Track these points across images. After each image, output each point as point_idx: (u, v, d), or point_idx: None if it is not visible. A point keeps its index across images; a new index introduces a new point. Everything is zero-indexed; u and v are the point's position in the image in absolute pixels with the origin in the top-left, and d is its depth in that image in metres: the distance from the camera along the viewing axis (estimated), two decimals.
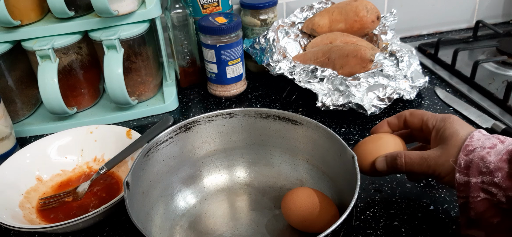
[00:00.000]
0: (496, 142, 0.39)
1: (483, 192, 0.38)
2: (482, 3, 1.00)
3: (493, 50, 0.86)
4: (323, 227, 0.42)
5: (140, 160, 0.48)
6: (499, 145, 0.39)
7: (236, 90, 0.79)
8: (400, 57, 0.72)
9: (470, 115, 0.67)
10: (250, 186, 0.56)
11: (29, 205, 0.55)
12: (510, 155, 0.37)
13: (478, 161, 0.38)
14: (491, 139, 0.40)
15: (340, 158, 0.48)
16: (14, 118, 0.73)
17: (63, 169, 0.61)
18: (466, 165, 0.39)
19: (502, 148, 0.38)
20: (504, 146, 0.38)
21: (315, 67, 0.70)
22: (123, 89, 0.68)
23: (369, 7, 0.79)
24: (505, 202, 0.37)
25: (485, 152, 0.38)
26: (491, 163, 0.38)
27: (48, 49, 0.65)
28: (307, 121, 0.52)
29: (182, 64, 0.82)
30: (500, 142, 0.39)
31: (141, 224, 0.44)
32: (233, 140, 0.56)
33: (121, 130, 0.63)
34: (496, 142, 0.39)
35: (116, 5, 0.66)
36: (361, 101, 0.65)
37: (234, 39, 0.73)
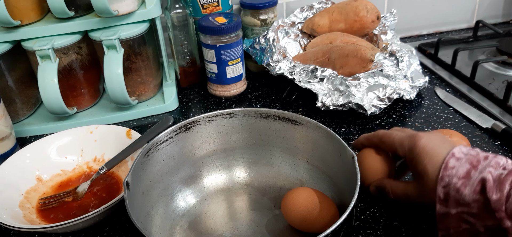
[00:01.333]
0: (469, 169, 0.38)
1: (464, 222, 0.38)
2: (482, 3, 1.00)
3: (493, 50, 0.86)
4: (323, 227, 0.42)
5: (140, 160, 0.48)
6: (473, 173, 0.38)
7: (236, 90, 0.79)
8: (400, 57, 0.72)
9: (470, 115, 0.67)
10: (250, 186, 0.56)
11: (29, 205, 0.55)
12: (483, 185, 0.37)
13: (455, 194, 0.38)
14: (464, 165, 0.39)
15: (340, 158, 0.48)
16: (14, 118, 0.73)
17: (63, 169, 0.61)
18: (444, 197, 0.39)
19: (475, 178, 0.37)
20: (477, 175, 0.38)
21: (315, 67, 0.70)
22: (123, 89, 0.68)
23: (369, 7, 0.79)
24: (483, 232, 0.37)
25: (460, 184, 0.38)
26: (466, 196, 0.37)
27: (48, 49, 0.65)
28: (307, 121, 0.52)
29: (182, 64, 0.82)
30: (473, 167, 0.38)
31: (141, 224, 0.44)
32: (233, 140, 0.56)
33: (121, 130, 0.63)
34: (469, 169, 0.38)
35: (116, 5, 0.66)
36: (361, 101, 0.65)
37: (234, 39, 0.73)
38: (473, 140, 0.62)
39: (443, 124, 0.66)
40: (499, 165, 0.38)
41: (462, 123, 0.66)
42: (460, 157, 0.40)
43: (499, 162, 0.38)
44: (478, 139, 0.62)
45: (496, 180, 0.36)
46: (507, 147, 0.60)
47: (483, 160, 0.39)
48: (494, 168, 0.37)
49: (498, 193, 0.35)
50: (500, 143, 0.61)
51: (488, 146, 0.60)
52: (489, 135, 0.63)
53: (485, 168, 0.38)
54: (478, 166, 0.38)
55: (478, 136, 0.63)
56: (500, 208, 0.35)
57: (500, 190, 0.35)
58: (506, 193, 0.35)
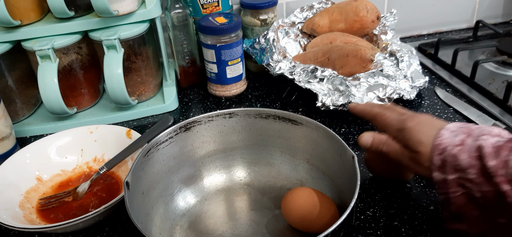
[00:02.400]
0: (464, 138, 0.40)
1: (461, 187, 0.40)
2: (482, 3, 1.00)
3: (493, 50, 0.86)
4: (323, 227, 0.42)
5: (140, 160, 0.48)
6: (468, 140, 0.40)
7: (236, 90, 0.79)
8: (400, 57, 0.72)
9: (470, 115, 0.67)
10: (250, 186, 0.56)
11: (29, 205, 0.55)
12: (480, 152, 0.38)
13: (451, 159, 0.40)
14: (459, 134, 0.41)
15: (340, 158, 0.48)
16: (14, 118, 0.73)
17: (63, 169, 0.61)
18: (441, 164, 0.41)
19: (471, 145, 0.39)
20: (472, 141, 0.39)
21: (315, 67, 0.70)
22: (123, 89, 0.68)
23: (369, 7, 0.79)
24: (480, 197, 0.38)
25: (456, 151, 0.40)
26: (463, 162, 0.39)
27: (48, 49, 0.65)
28: (307, 121, 0.52)
29: (182, 64, 0.82)
30: (467, 135, 0.40)
31: (141, 224, 0.44)
32: (233, 140, 0.56)
33: (121, 130, 0.63)
34: (464, 138, 0.40)
35: (116, 5, 0.66)
36: (361, 101, 0.65)
37: (234, 39, 0.73)
38: None
39: None
40: (493, 133, 0.39)
41: None
42: (454, 129, 0.42)
43: (492, 131, 0.40)
44: None
45: (493, 147, 0.38)
46: None
47: (476, 129, 0.41)
48: (488, 135, 0.39)
49: (495, 159, 0.37)
50: None
51: None
52: None
53: (479, 136, 0.39)
54: (472, 134, 0.40)
55: None
56: (497, 173, 0.36)
57: (497, 156, 0.37)
58: (504, 159, 0.36)
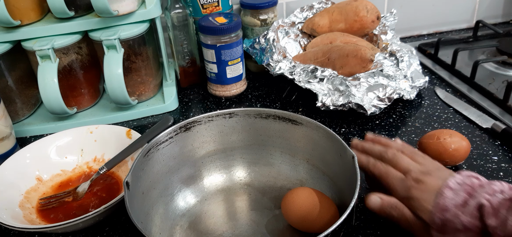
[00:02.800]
0: (466, 198, 0.39)
1: None
2: (482, 3, 1.00)
3: (493, 50, 0.86)
4: (323, 227, 0.42)
5: (140, 160, 0.48)
6: (470, 201, 0.39)
7: (236, 90, 0.79)
8: (400, 57, 0.72)
9: (470, 115, 0.67)
10: (250, 186, 0.56)
11: (29, 205, 0.55)
12: (480, 211, 0.38)
13: (452, 219, 0.39)
14: (460, 194, 0.40)
15: (340, 158, 0.48)
16: (14, 118, 0.73)
17: (63, 169, 0.62)
18: (442, 223, 0.40)
19: (472, 205, 0.39)
20: (473, 202, 0.39)
21: (315, 67, 0.70)
22: (123, 89, 0.68)
23: (369, 7, 0.79)
24: None
25: (458, 211, 0.39)
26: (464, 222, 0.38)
27: (48, 49, 0.65)
28: (307, 121, 0.52)
29: (182, 64, 0.82)
30: (470, 196, 0.40)
31: (141, 224, 0.44)
32: (233, 140, 0.56)
33: (121, 130, 0.63)
34: (466, 198, 0.39)
35: (116, 5, 0.66)
36: (361, 101, 0.65)
37: (234, 39, 0.73)
38: (473, 140, 0.62)
39: (443, 124, 0.66)
40: (495, 191, 0.39)
41: (462, 123, 0.66)
42: (455, 187, 0.41)
43: (495, 189, 0.39)
44: (478, 139, 0.62)
45: (493, 206, 0.38)
46: (507, 147, 0.60)
47: (478, 188, 0.40)
48: (490, 194, 0.39)
49: (494, 218, 0.37)
50: (500, 143, 0.61)
51: (488, 146, 0.61)
52: (489, 135, 0.63)
53: (481, 195, 0.39)
54: (474, 194, 0.39)
55: (478, 136, 0.63)
56: (495, 232, 0.37)
57: (496, 215, 0.37)
58: (503, 218, 0.37)
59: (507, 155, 0.59)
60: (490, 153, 0.59)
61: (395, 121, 0.68)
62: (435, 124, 0.66)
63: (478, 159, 0.58)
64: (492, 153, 0.59)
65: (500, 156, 0.59)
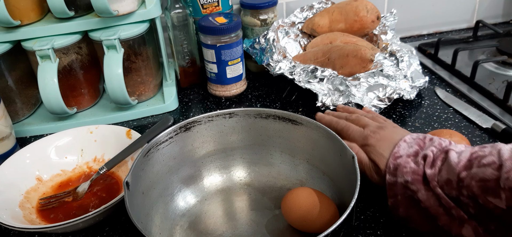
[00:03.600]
0: (417, 150, 0.46)
1: (407, 189, 0.44)
2: (482, 3, 1.00)
3: (493, 50, 0.86)
4: (323, 227, 0.42)
5: (140, 160, 0.48)
6: (420, 152, 0.45)
7: (236, 90, 0.79)
8: (400, 57, 0.72)
9: (470, 115, 0.67)
10: (250, 186, 0.56)
11: (29, 205, 0.55)
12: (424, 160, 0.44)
13: (403, 164, 0.45)
14: (413, 146, 0.46)
15: (340, 158, 0.48)
16: (14, 118, 0.73)
17: (63, 169, 0.61)
18: (394, 168, 0.46)
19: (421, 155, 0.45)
20: (422, 153, 0.45)
21: (315, 67, 0.70)
22: (123, 89, 0.68)
23: (369, 7, 0.79)
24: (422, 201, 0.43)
25: (409, 159, 0.45)
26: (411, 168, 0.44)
27: (48, 49, 0.65)
28: (307, 121, 0.52)
29: (182, 64, 0.82)
30: (420, 148, 0.46)
31: (141, 224, 0.44)
32: (233, 140, 0.56)
33: (121, 130, 0.63)
34: (417, 150, 0.46)
35: (116, 5, 0.66)
36: (361, 101, 0.65)
37: (234, 39, 0.73)
38: (473, 140, 0.62)
39: (443, 124, 0.66)
40: (441, 145, 0.45)
41: (462, 123, 0.66)
42: (409, 141, 0.47)
43: (442, 143, 0.45)
44: (478, 139, 0.62)
45: (434, 157, 0.44)
46: None
47: (428, 141, 0.46)
48: (437, 147, 0.45)
49: (432, 168, 0.43)
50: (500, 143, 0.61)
51: None
52: (489, 135, 0.63)
53: (429, 147, 0.45)
54: (424, 147, 0.46)
55: (478, 136, 0.63)
56: (433, 179, 0.42)
57: (434, 165, 0.43)
58: (438, 168, 0.43)
59: None
60: None
61: (395, 121, 0.68)
62: (435, 124, 0.66)
63: None
64: None
65: None
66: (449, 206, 0.41)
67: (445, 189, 0.42)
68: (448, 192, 0.41)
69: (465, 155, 0.42)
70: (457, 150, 0.43)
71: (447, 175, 0.42)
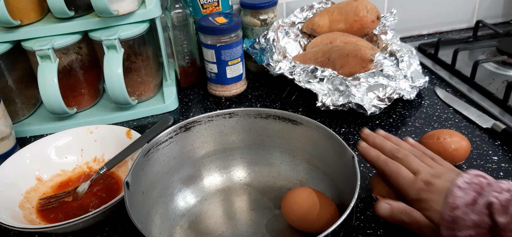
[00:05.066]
0: (475, 196, 0.40)
1: None
2: (482, 3, 1.00)
3: (493, 50, 0.86)
4: (323, 227, 0.42)
5: (140, 160, 0.48)
6: (479, 199, 0.40)
7: (236, 90, 0.79)
8: (400, 57, 0.72)
9: (470, 115, 0.67)
10: (250, 186, 0.56)
11: (29, 205, 0.55)
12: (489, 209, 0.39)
13: (463, 216, 0.40)
14: (469, 192, 0.41)
15: (340, 158, 0.48)
16: (14, 118, 0.73)
17: (63, 169, 0.61)
18: (452, 221, 0.40)
19: (482, 203, 0.40)
20: (483, 200, 0.40)
21: (315, 67, 0.70)
22: (123, 89, 0.68)
23: (369, 7, 0.79)
24: None
25: (467, 209, 0.40)
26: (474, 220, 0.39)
27: (48, 49, 0.65)
28: (307, 121, 0.52)
29: (182, 64, 0.82)
30: (479, 194, 0.40)
31: (141, 224, 0.44)
32: (233, 140, 0.56)
33: (121, 130, 0.63)
34: (475, 196, 0.40)
35: (116, 5, 0.66)
36: (361, 101, 0.65)
37: (234, 39, 0.73)
38: (473, 140, 0.62)
39: (443, 124, 0.66)
40: (503, 189, 0.40)
41: (462, 123, 0.66)
42: (464, 186, 0.41)
43: (503, 187, 0.40)
44: (478, 139, 0.62)
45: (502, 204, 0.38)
46: (507, 147, 0.60)
47: (486, 186, 0.41)
48: (498, 192, 0.39)
49: (504, 215, 0.38)
50: (500, 143, 0.61)
51: (488, 146, 0.60)
52: (489, 135, 0.63)
53: (489, 193, 0.40)
54: (482, 192, 0.40)
55: (478, 136, 0.63)
56: (507, 228, 0.37)
57: (506, 212, 0.38)
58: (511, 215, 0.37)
59: (507, 155, 0.59)
60: (490, 153, 0.59)
61: (395, 121, 0.68)
62: (435, 124, 0.66)
63: (478, 159, 0.58)
64: (492, 153, 0.59)
65: (500, 156, 0.59)
66: None
67: None
68: None
69: None
70: None
71: None
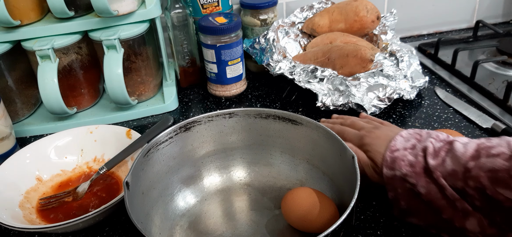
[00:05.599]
0: (414, 143, 0.45)
1: (407, 183, 0.44)
2: (482, 3, 1.00)
3: (493, 50, 0.86)
4: (323, 227, 0.42)
5: (140, 160, 0.48)
6: (418, 145, 0.45)
7: (236, 90, 0.79)
8: (400, 57, 0.72)
9: (470, 115, 0.67)
10: (250, 186, 0.56)
11: (29, 205, 0.55)
12: (424, 152, 0.44)
13: (401, 157, 0.45)
14: (410, 140, 0.46)
15: (340, 158, 0.48)
16: (14, 118, 0.73)
17: (63, 169, 0.61)
18: (391, 161, 0.45)
19: (420, 147, 0.44)
20: (421, 145, 0.45)
21: (315, 67, 0.70)
22: (123, 89, 0.68)
23: (369, 7, 0.79)
24: (424, 193, 0.43)
25: (406, 152, 0.45)
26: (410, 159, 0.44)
27: (48, 49, 0.65)
28: (307, 121, 0.52)
29: (182, 64, 0.82)
30: (418, 141, 0.45)
31: (141, 224, 0.44)
32: (233, 140, 0.56)
33: (121, 130, 0.63)
34: (414, 143, 0.45)
35: (116, 5, 0.66)
36: (361, 101, 0.65)
37: (234, 39, 0.73)
38: None
39: (443, 124, 0.66)
40: (439, 139, 0.44)
41: (462, 123, 0.66)
42: (406, 136, 0.47)
43: (439, 136, 0.45)
44: None
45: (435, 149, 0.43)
46: None
47: (425, 134, 0.46)
48: (435, 140, 0.44)
49: (435, 159, 0.42)
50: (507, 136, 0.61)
51: None
52: (489, 135, 0.63)
53: (427, 139, 0.45)
54: (421, 139, 0.45)
55: (478, 136, 0.63)
56: (436, 169, 0.42)
57: (437, 156, 0.42)
58: (441, 159, 0.42)
59: None
60: None
61: (395, 121, 0.68)
62: (435, 124, 0.66)
63: None
64: None
65: None
66: (453, 198, 0.40)
67: (449, 181, 0.41)
68: (452, 184, 0.41)
69: (471, 145, 0.41)
70: (462, 141, 0.42)
71: (452, 166, 0.41)
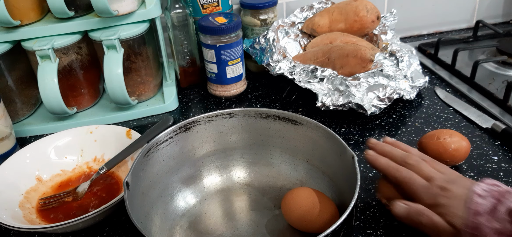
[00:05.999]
0: (495, 203, 0.40)
1: None
2: (482, 3, 1.00)
3: (493, 50, 0.86)
4: (323, 227, 0.42)
5: (140, 160, 0.48)
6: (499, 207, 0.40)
7: (236, 90, 0.79)
8: (400, 57, 0.72)
9: (470, 115, 0.67)
10: (250, 186, 0.56)
11: (29, 205, 0.55)
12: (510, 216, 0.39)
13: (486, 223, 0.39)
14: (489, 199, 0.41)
15: (340, 158, 0.48)
16: (14, 118, 0.73)
17: (63, 169, 0.62)
18: (474, 227, 0.40)
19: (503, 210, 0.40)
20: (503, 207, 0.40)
21: (315, 67, 0.70)
22: (123, 89, 0.68)
23: (369, 7, 0.79)
24: None
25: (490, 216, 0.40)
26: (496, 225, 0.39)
27: (48, 49, 0.65)
28: (307, 121, 0.52)
29: (182, 64, 0.82)
30: (498, 201, 0.40)
31: (141, 224, 0.44)
32: (233, 140, 0.56)
33: (121, 130, 0.63)
34: (495, 203, 0.40)
35: (116, 5, 0.66)
36: (361, 101, 0.65)
37: (234, 39, 0.73)
38: (473, 140, 0.62)
39: (443, 124, 0.66)
40: None
41: (462, 123, 0.66)
42: (483, 194, 0.41)
43: None
44: (478, 139, 0.62)
45: None
46: (507, 147, 0.60)
47: (505, 193, 0.41)
48: None
49: None
50: (500, 143, 0.61)
51: (488, 146, 0.60)
52: (489, 135, 0.63)
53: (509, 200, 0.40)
54: (502, 199, 0.40)
55: (478, 136, 0.63)
56: None
57: None
58: None
59: (507, 155, 0.59)
60: (490, 153, 0.59)
61: (395, 121, 0.68)
62: (435, 124, 0.66)
63: (478, 159, 0.58)
64: (492, 153, 0.59)
65: (500, 156, 0.59)
66: None
67: None
68: None
69: None
70: None
71: None
